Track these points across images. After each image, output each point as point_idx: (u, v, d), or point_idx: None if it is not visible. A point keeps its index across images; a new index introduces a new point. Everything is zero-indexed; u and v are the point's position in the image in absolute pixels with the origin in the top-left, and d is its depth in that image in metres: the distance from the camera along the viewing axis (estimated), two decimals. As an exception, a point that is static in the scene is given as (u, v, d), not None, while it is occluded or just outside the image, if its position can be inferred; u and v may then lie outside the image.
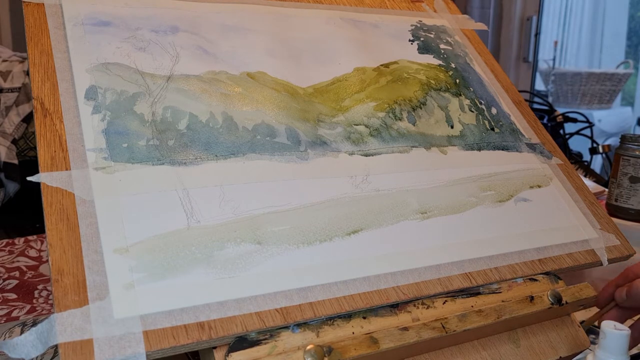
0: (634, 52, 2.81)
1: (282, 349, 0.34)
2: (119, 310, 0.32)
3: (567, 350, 0.46)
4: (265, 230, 0.38)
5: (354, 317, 0.37)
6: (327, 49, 0.53)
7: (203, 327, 0.33)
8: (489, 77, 0.61)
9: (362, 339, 0.36)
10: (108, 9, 0.46)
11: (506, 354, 0.43)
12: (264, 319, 0.34)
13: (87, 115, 0.39)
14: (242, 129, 0.43)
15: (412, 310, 0.39)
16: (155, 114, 0.41)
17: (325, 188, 0.43)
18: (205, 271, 0.35)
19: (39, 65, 0.41)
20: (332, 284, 0.37)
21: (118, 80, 0.42)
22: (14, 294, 0.67)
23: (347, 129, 0.47)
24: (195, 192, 0.38)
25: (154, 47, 0.45)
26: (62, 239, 0.33)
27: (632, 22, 2.83)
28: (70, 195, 0.35)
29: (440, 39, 0.62)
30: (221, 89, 0.45)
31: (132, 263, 0.34)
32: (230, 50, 0.48)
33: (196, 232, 0.36)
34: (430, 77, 0.56)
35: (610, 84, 2.48)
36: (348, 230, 0.41)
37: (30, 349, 0.30)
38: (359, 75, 0.52)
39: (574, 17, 2.90)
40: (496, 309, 0.41)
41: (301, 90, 0.48)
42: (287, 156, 0.43)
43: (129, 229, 0.35)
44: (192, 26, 0.48)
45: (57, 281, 0.32)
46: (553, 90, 2.57)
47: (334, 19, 0.57)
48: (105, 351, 0.30)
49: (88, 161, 0.37)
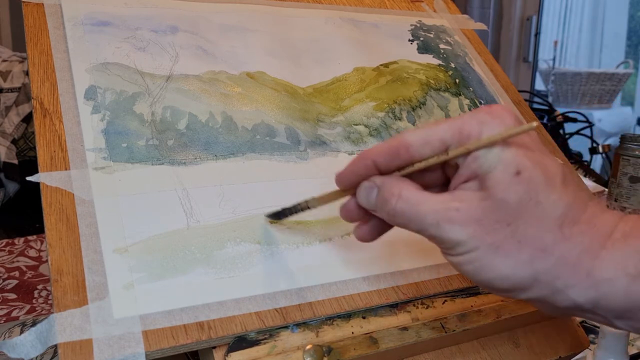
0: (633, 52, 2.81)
1: (281, 348, 0.34)
2: (119, 310, 0.32)
3: (566, 350, 0.46)
4: (264, 230, 0.38)
5: (353, 317, 0.37)
6: (327, 49, 0.53)
7: (202, 327, 0.33)
8: (488, 77, 0.61)
9: (362, 339, 0.36)
10: (108, 8, 0.46)
11: (506, 354, 0.43)
12: (264, 318, 0.34)
13: (86, 115, 0.39)
14: (241, 129, 0.43)
15: (411, 310, 0.39)
16: (155, 113, 0.41)
17: (325, 188, 0.42)
18: (205, 271, 0.35)
19: (39, 65, 0.41)
20: (331, 283, 0.37)
21: (117, 80, 0.42)
22: (13, 294, 0.67)
23: (347, 128, 0.47)
24: (194, 192, 0.38)
25: (154, 47, 0.45)
26: (62, 239, 0.33)
27: (632, 22, 2.84)
28: (70, 195, 0.35)
29: (440, 38, 0.61)
30: (221, 88, 0.45)
31: (132, 263, 0.34)
32: (230, 50, 0.48)
33: (196, 232, 0.36)
34: (429, 77, 0.56)
35: (610, 83, 2.48)
36: (348, 230, 0.40)
37: (29, 349, 0.30)
38: (358, 75, 0.52)
39: (574, 17, 2.90)
40: (496, 309, 0.41)
41: (301, 90, 0.48)
42: (286, 156, 0.43)
43: (128, 228, 0.35)
44: (192, 26, 0.48)
45: (56, 281, 0.32)
46: (553, 90, 2.57)
47: (333, 18, 0.57)
48: (105, 351, 0.30)
49: (87, 161, 0.37)
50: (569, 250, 0.27)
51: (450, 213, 0.28)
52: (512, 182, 0.27)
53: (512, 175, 0.27)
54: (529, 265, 0.27)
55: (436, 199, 0.29)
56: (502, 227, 0.27)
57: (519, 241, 0.27)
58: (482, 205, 0.28)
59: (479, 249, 0.28)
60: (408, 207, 0.29)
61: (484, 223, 0.27)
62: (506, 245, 0.27)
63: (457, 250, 0.28)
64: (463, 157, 0.28)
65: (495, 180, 0.27)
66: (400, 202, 0.30)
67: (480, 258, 0.28)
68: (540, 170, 0.27)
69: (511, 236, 0.27)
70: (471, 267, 0.28)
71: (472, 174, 0.28)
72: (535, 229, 0.27)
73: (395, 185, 0.30)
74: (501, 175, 0.27)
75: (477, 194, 0.28)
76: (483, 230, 0.27)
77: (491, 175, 0.27)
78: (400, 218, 0.30)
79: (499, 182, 0.27)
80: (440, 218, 0.28)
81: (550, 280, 0.28)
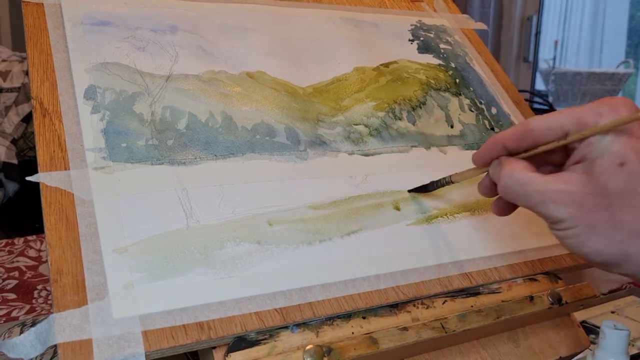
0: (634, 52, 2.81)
1: (281, 349, 0.34)
2: (118, 310, 0.31)
3: (566, 350, 0.46)
4: (264, 230, 0.38)
5: (353, 317, 0.37)
6: (327, 49, 0.53)
7: (202, 327, 0.32)
8: (489, 76, 0.61)
9: (362, 339, 0.36)
10: (107, 8, 0.46)
11: (506, 354, 0.43)
12: (264, 319, 0.34)
13: (86, 115, 0.39)
14: (241, 129, 0.43)
15: (411, 310, 0.39)
16: (155, 113, 0.41)
17: (324, 188, 0.43)
18: (205, 271, 0.35)
19: (38, 65, 0.41)
20: (331, 284, 0.37)
21: (117, 80, 0.42)
22: (13, 294, 0.67)
23: (347, 128, 0.47)
24: (194, 191, 0.38)
25: (153, 46, 0.45)
26: (61, 238, 0.33)
27: (633, 22, 2.83)
28: (70, 195, 0.35)
29: (440, 38, 0.61)
30: (220, 88, 0.45)
31: (132, 263, 0.34)
32: (230, 49, 0.48)
33: (195, 232, 0.36)
34: (430, 76, 0.56)
35: (611, 83, 2.48)
36: (348, 230, 0.40)
37: (29, 349, 0.30)
38: (358, 75, 0.52)
39: (574, 16, 2.90)
40: (496, 309, 0.41)
41: (300, 89, 0.48)
42: (286, 156, 0.43)
43: (128, 228, 0.35)
44: (192, 26, 0.48)
45: (56, 281, 0.31)
46: (553, 89, 2.57)
47: (333, 18, 0.57)
48: (105, 351, 0.30)
49: (87, 161, 0.37)
50: None
51: (555, 194, 0.32)
52: (616, 171, 0.30)
53: (616, 165, 0.30)
54: (622, 246, 0.31)
55: (543, 179, 0.32)
56: (600, 210, 0.31)
57: (614, 224, 0.31)
58: (585, 189, 0.31)
59: (578, 227, 0.31)
60: (517, 185, 0.33)
61: (584, 205, 0.31)
62: (602, 227, 0.31)
63: (560, 225, 0.32)
64: (579, 143, 0.32)
65: (601, 167, 0.31)
66: (510, 180, 0.33)
67: (579, 234, 0.31)
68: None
69: (608, 219, 0.31)
70: (571, 242, 0.32)
71: (582, 157, 0.32)
72: (631, 216, 0.30)
73: (510, 165, 0.34)
74: (607, 163, 0.30)
75: (583, 176, 0.31)
76: (583, 211, 0.31)
77: (598, 162, 0.31)
78: (510, 194, 0.34)
79: (604, 169, 0.30)
80: (545, 197, 0.32)
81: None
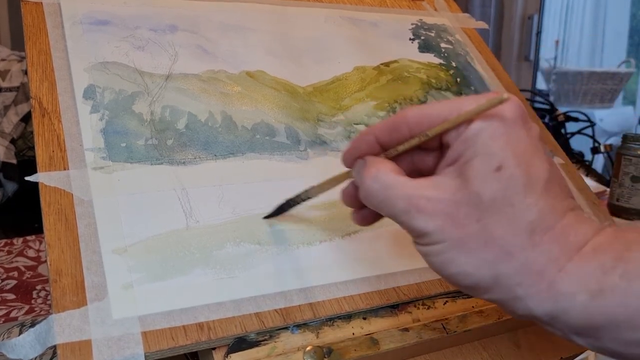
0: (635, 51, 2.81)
1: (281, 350, 0.34)
2: (118, 310, 0.31)
3: (568, 351, 0.46)
4: (264, 230, 0.38)
5: (354, 317, 0.37)
6: (327, 48, 0.53)
7: (202, 327, 0.32)
8: (489, 76, 0.61)
9: (363, 340, 0.35)
10: (107, 7, 0.46)
11: (507, 355, 0.43)
12: (264, 319, 0.34)
13: (85, 114, 0.39)
14: (241, 128, 0.43)
15: (412, 310, 0.39)
16: (154, 113, 0.41)
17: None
18: (204, 271, 0.35)
19: (37, 64, 0.40)
20: (331, 284, 0.37)
21: (116, 80, 0.41)
22: (12, 295, 0.67)
23: (347, 128, 0.47)
24: (194, 191, 0.38)
25: (153, 46, 0.45)
26: (61, 239, 0.33)
27: (634, 21, 2.83)
28: (69, 195, 0.35)
29: (441, 37, 0.61)
30: (220, 88, 0.45)
31: (131, 263, 0.33)
32: (230, 49, 0.48)
33: (195, 232, 0.36)
34: (430, 76, 0.56)
35: (612, 83, 2.48)
36: (348, 230, 0.40)
37: (28, 349, 0.30)
38: (359, 74, 0.52)
39: (575, 15, 2.90)
40: (497, 310, 0.41)
41: (301, 89, 0.48)
42: (286, 155, 0.43)
43: (127, 229, 0.35)
44: (191, 25, 0.48)
45: (55, 281, 0.31)
46: (554, 89, 2.57)
47: (333, 17, 0.56)
48: (104, 352, 0.30)
49: (86, 161, 0.37)
50: (534, 258, 0.26)
51: (422, 201, 0.26)
52: (491, 177, 0.26)
53: (492, 170, 0.26)
54: (492, 267, 0.26)
55: (411, 184, 0.27)
56: (471, 223, 0.26)
57: (485, 240, 0.26)
58: (455, 196, 0.26)
59: (444, 242, 0.26)
60: (381, 189, 0.28)
61: (453, 216, 0.26)
62: (472, 242, 0.26)
63: (424, 240, 0.27)
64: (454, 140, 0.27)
65: (474, 171, 0.26)
66: (375, 183, 0.28)
67: (445, 251, 0.27)
68: (523, 171, 0.26)
69: (478, 234, 0.26)
70: (436, 260, 0.27)
71: (457, 157, 0.27)
72: (503, 231, 0.26)
73: (375, 166, 0.28)
74: (482, 166, 0.26)
75: (454, 182, 0.26)
76: (451, 224, 0.26)
77: (472, 164, 0.26)
78: (372, 200, 0.28)
79: (478, 174, 0.26)
80: (410, 205, 0.27)
81: (511, 286, 0.26)
